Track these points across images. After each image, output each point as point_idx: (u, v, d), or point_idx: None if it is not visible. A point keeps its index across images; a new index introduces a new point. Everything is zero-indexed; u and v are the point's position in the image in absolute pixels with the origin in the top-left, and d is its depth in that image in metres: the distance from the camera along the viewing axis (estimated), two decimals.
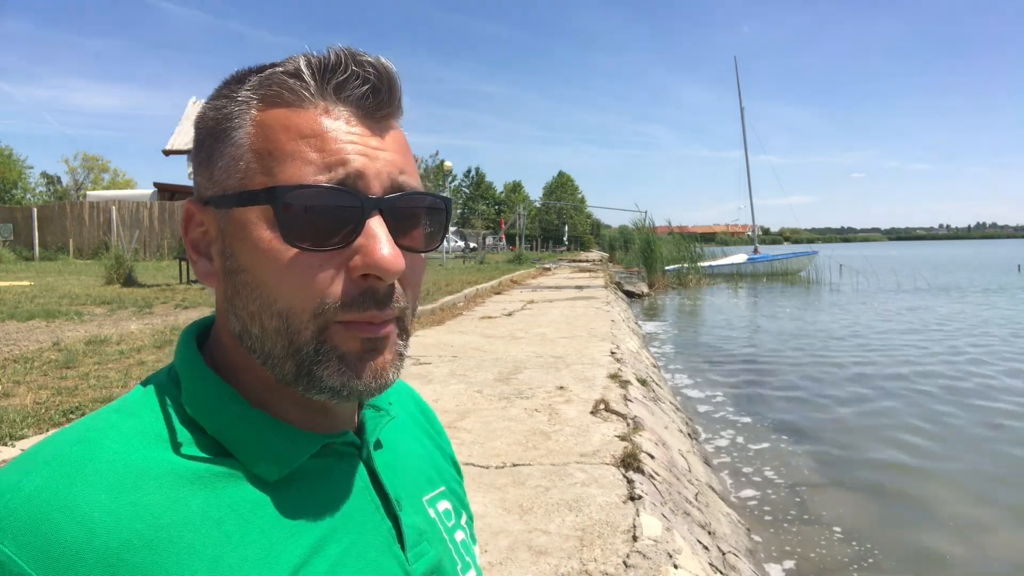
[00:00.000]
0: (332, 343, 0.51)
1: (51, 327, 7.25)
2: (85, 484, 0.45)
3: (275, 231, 0.50)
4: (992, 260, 46.52)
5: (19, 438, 3.35)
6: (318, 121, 0.51)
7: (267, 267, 0.51)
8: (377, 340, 0.53)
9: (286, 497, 0.52)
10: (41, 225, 25.00)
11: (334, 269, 0.51)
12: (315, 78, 0.52)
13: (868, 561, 3.62)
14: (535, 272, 21.79)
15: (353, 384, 0.52)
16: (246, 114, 0.53)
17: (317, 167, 0.50)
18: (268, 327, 0.52)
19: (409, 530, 0.59)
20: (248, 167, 0.52)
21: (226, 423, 0.53)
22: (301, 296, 0.51)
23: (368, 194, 0.51)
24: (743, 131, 34.26)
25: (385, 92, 0.54)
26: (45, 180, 51.00)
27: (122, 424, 0.50)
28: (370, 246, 0.50)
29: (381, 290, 0.52)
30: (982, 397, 7.07)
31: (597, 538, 2.41)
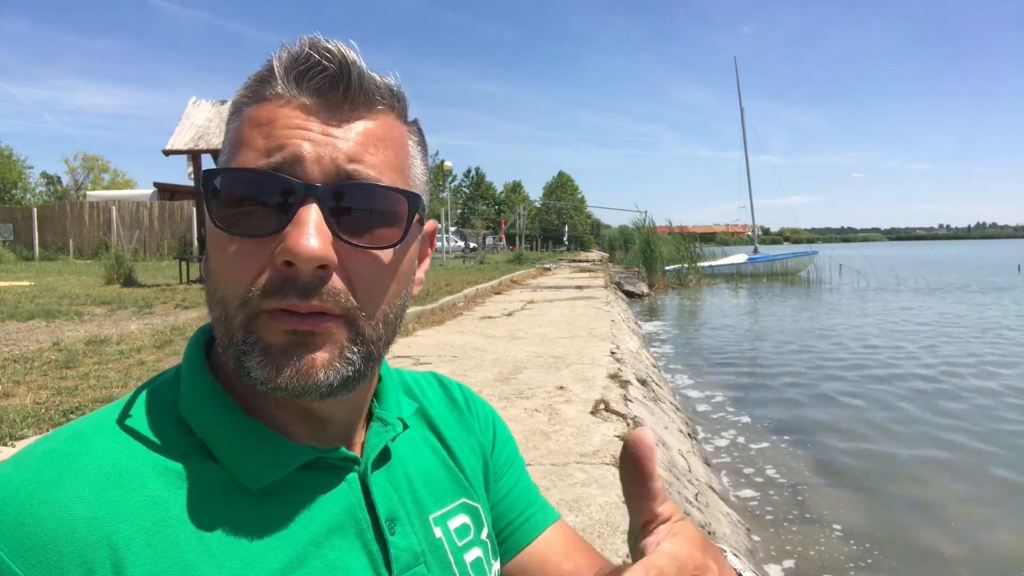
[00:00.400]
0: (258, 333, 0.50)
1: (51, 327, 7.25)
2: (71, 479, 0.45)
3: None
4: (992, 260, 46.52)
5: (19, 438, 3.35)
6: (275, 111, 0.51)
7: (214, 254, 0.52)
8: (304, 334, 0.49)
9: (270, 508, 0.51)
10: (41, 225, 25.02)
11: (265, 257, 0.49)
12: (280, 70, 0.52)
13: (867, 560, 3.62)
14: (535, 272, 21.79)
15: (274, 379, 0.49)
16: (239, 113, 0.54)
17: (259, 153, 0.50)
18: (216, 315, 0.52)
19: (400, 553, 0.57)
20: (223, 159, 0.55)
21: (214, 428, 0.52)
22: (232, 282, 0.50)
23: (304, 181, 0.49)
24: (743, 131, 34.29)
25: (345, 79, 0.52)
26: (45, 180, 51.07)
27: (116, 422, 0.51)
28: (292, 233, 0.48)
29: (303, 279, 0.48)
30: (984, 397, 7.06)
31: (597, 538, 2.41)
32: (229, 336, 0.51)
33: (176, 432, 0.52)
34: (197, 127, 12.95)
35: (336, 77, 0.52)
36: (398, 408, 0.65)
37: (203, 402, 0.53)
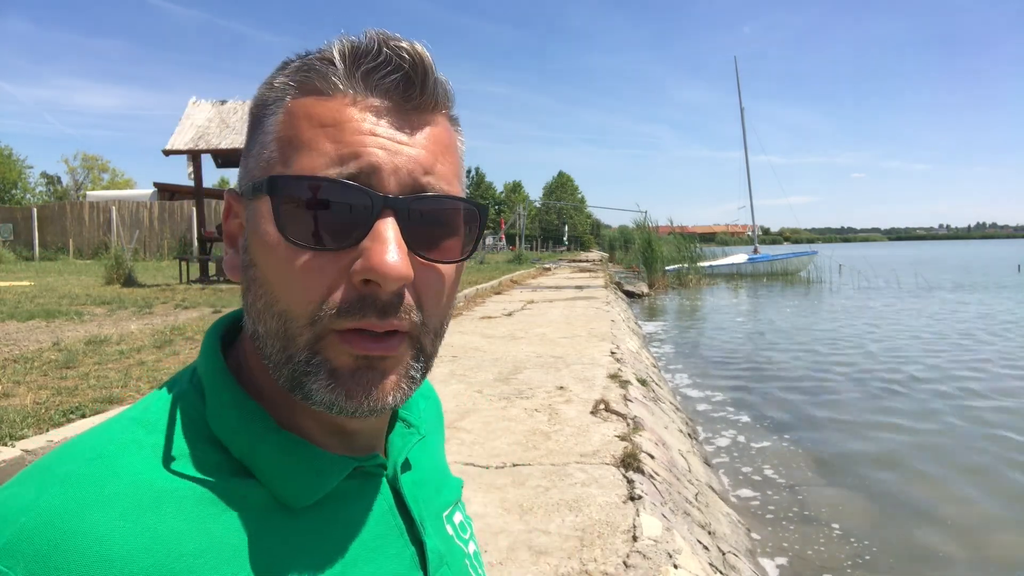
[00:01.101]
0: (325, 355, 0.47)
1: (51, 327, 7.25)
2: (103, 507, 0.42)
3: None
4: (992, 260, 46.51)
5: (19, 438, 3.34)
6: (341, 110, 0.48)
7: (271, 264, 0.48)
8: (374, 359, 0.48)
9: (310, 524, 0.50)
10: (41, 225, 25.02)
11: (336, 272, 0.46)
12: (344, 63, 0.48)
13: (865, 558, 3.63)
14: (535, 272, 21.79)
15: (341, 403, 0.47)
16: (281, 101, 0.50)
17: (330, 159, 0.47)
18: (270, 328, 0.48)
19: (432, 555, 0.56)
20: (271, 156, 0.49)
21: (251, 446, 0.49)
22: (299, 298, 0.47)
23: (381, 192, 0.47)
24: (743, 131, 34.32)
25: (418, 82, 0.49)
26: (45, 180, 51.07)
27: (142, 440, 0.47)
28: (374, 249, 0.45)
29: (383, 298, 0.46)
30: (984, 397, 7.06)
31: (597, 538, 2.41)
32: (287, 354, 0.48)
33: (209, 451, 0.48)
34: (197, 127, 12.95)
35: (410, 78, 0.49)
36: (417, 407, 0.64)
37: (236, 418, 0.50)
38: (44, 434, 3.34)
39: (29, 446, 3.10)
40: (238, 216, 0.53)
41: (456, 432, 3.72)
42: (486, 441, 3.57)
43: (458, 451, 3.40)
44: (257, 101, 0.52)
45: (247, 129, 0.53)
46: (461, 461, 3.25)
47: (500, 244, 50.37)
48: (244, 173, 0.52)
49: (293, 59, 0.52)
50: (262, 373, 0.52)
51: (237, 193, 0.53)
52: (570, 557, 2.27)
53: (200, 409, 0.51)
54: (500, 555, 2.29)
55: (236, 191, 0.53)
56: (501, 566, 2.21)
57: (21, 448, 3.08)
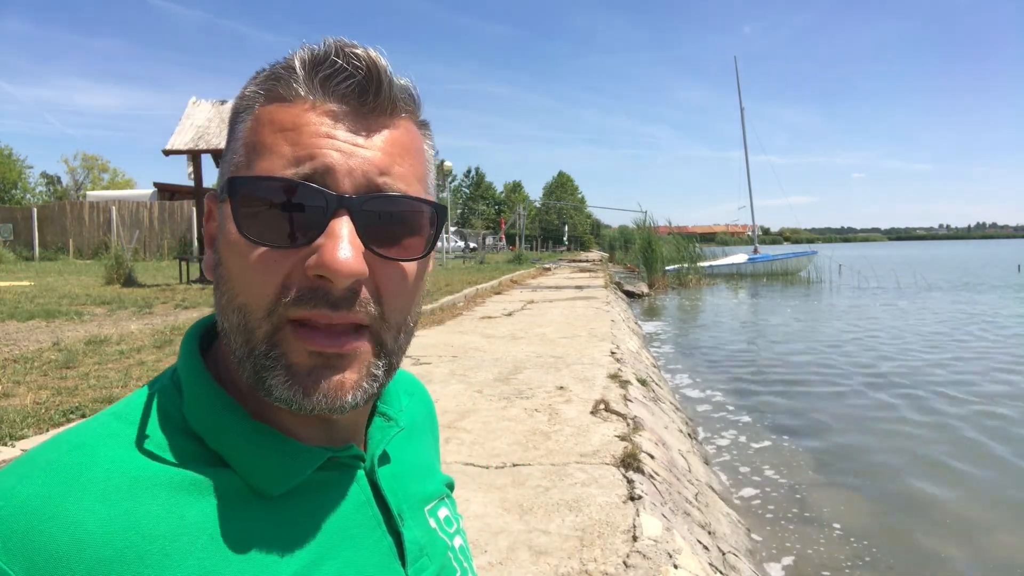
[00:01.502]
0: (281, 348, 0.49)
1: (51, 327, 7.25)
2: (80, 492, 0.44)
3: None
4: (992, 260, 46.51)
5: (19, 438, 3.34)
6: (300, 115, 0.50)
7: (232, 261, 0.50)
8: (331, 356, 0.49)
9: (284, 511, 0.51)
10: (41, 225, 25.02)
11: (291, 267, 0.48)
12: (304, 70, 0.51)
13: (865, 558, 3.63)
14: (535, 272, 21.79)
15: (299, 400, 0.49)
16: (250, 109, 0.53)
17: (287, 160, 0.49)
18: (232, 323, 0.50)
19: (411, 545, 0.58)
20: (238, 160, 0.52)
21: (226, 436, 0.51)
22: (257, 291, 0.49)
23: (336, 192, 0.49)
24: (743, 131, 34.28)
25: (373, 88, 0.51)
26: (45, 180, 51.04)
27: (120, 431, 0.49)
28: (326, 245, 0.47)
29: (335, 293, 0.48)
30: (983, 397, 7.06)
31: (597, 538, 2.41)
32: (249, 348, 0.50)
33: (185, 442, 0.50)
34: (197, 127, 12.95)
35: (364, 83, 0.51)
36: (398, 402, 0.66)
37: (211, 411, 0.52)
38: (44, 434, 3.34)
39: (29, 446, 3.10)
40: (214, 218, 0.55)
41: (456, 432, 3.72)
42: (486, 441, 3.57)
43: (458, 451, 3.40)
44: (232, 110, 0.55)
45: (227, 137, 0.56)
46: (461, 461, 3.25)
47: (500, 244, 50.37)
48: (220, 177, 0.55)
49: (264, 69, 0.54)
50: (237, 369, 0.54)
51: (214, 196, 0.55)
52: (570, 557, 2.27)
53: (177, 403, 0.52)
54: (500, 555, 2.29)
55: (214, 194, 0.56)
56: (501, 566, 2.21)
57: (21, 448, 3.08)
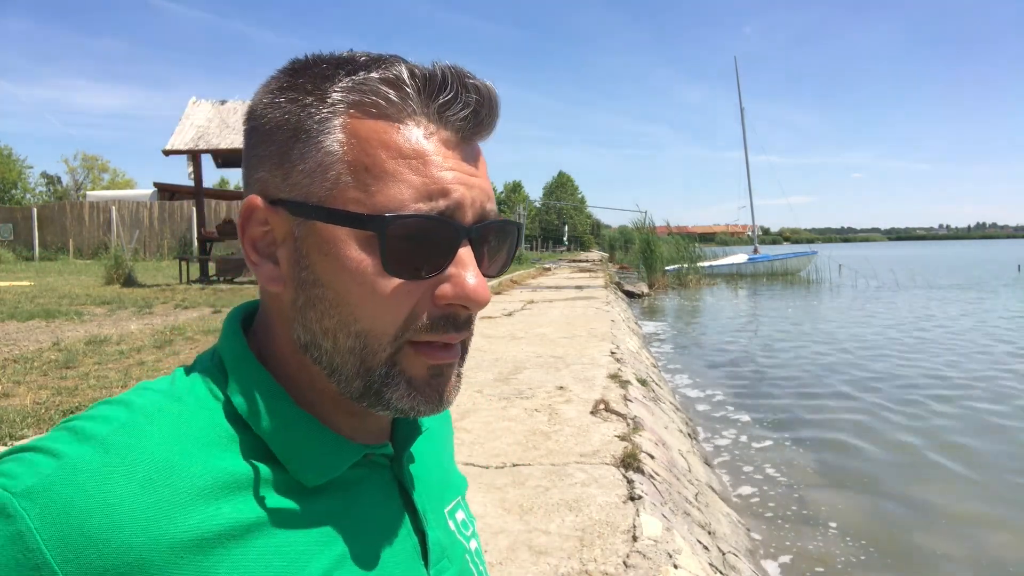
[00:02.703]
0: (401, 367, 0.51)
1: (51, 327, 7.25)
2: (124, 473, 0.43)
3: (371, 255, 0.49)
4: (992, 260, 46.51)
5: (19, 438, 3.34)
6: (419, 142, 0.49)
7: (356, 289, 0.50)
8: (442, 367, 0.53)
9: (319, 505, 0.52)
10: (41, 225, 25.01)
11: (421, 296, 0.51)
12: (419, 93, 0.50)
13: (863, 556, 3.63)
14: (535, 272, 21.79)
15: (420, 407, 0.52)
16: (336, 118, 0.50)
17: (418, 192, 0.49)
18: (342, 345, 0.51)
19: (434, 546, 0.58)
20: (339, 179, 0.49)
21: (272, 424, 0.51)
22: (387, 320, 0.50)
23: (463, 223, 0.51)
24: (743, 131, 34.31)
25: (485, 117, 0.52)
26: (45, 180, 51.02)
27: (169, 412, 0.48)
28: (460, 277, 0.50)
29: (463, 317, 0.52)
30: (982, 397, 7.06)
31: (597, 538, 2.41)
32: (365, 368, 0.51)
33: (232, 428, 0.50)
34: (197, 127, 12.95)
35: (478, 112, 0.52)
36: None
37: (260, 397, 0.52)
38: (43, 434, 3.34)
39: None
40: (268, 225, 0.52)
41: (456, 432, 3.72)
42: (486, 441, 3.58)
43: (458, 451, 3.40)
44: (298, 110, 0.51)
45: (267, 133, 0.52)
46: (461, 461, 3.25)
47: None
48: (283, 185, 0.51)
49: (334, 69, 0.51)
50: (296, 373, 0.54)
51: (269, 202, 0.52)
52: (570, 557, 2.27)
53: (223, 386, 0.53)
54: (500, 555, 2.29)
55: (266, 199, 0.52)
56: (501, 566, 2.22)
57: None
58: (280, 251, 0.52)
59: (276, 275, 0.53)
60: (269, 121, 0.52)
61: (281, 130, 0.51)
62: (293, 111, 0.51)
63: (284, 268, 0.52)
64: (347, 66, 0.51)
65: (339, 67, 0.51)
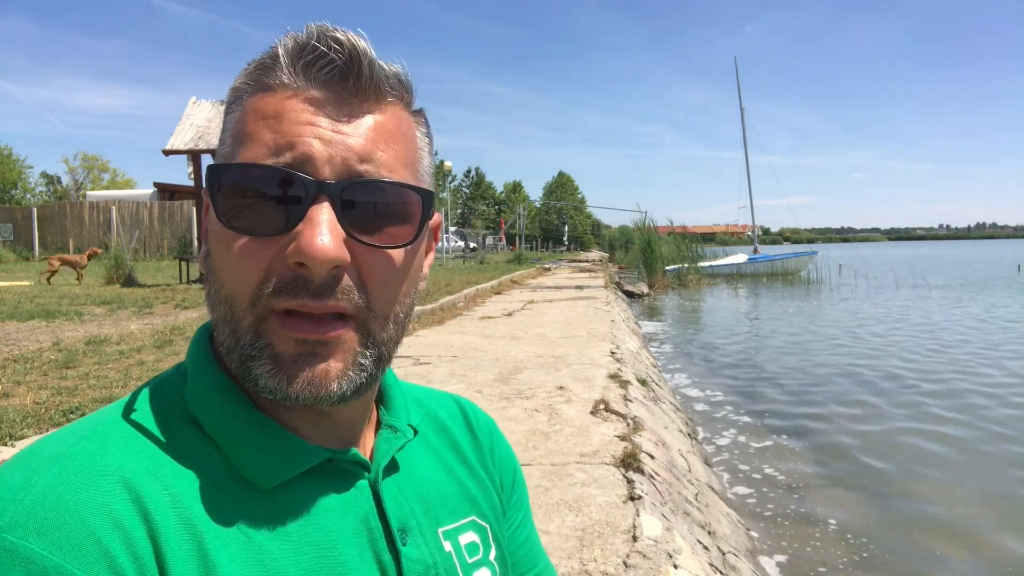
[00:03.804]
0: (267, 338, 0.49)
1: (51, 327, 7.25)
2: (99, 479, 0.43)
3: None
4: (992, 260, 46.51)
5: (19, 438, 3.34)
6: (282, 103, 0.49)
7: (217, 251, 0.50)
8: (315, 343, 0.49)
9: (283, 510, 0.50)
10: (41, 225, 25.01)
11: (273, 255, 0.48)
12: (287, 58, 0.50)
13: (863, 554, 3.64)
14: (535, 272, 21.79)
15: (284, 389, 0.48)
16: (240, 100, 0.52)
17: (268, 149, 0.48)
18: (220, 314, 0.50)
19: (411, 563, 0.55)
20: (224, 151, 0.52)
21: (225, 423, 0.51)
22: (240, 280, 0.49)
23: (316, 179, 0.48)
24: (743, 131, 34.30)
25: (354, 72, 0.50)
26: (45, 180, 51.02)
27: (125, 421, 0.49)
28: (305, 232, 0.47)
29: (316, 280, 0.48)
30: (982, 397, 7.06)
31: (597, 538, 2.41)
32: (235, 338, 0.50)
33: (186, 429, 0.50)
34: (197, 127, 12.95)
35: (346, 68, 0.50)
36: (407, 414, 0.63)
37: (212, 396, 0.52)
38: (44, 434, 3.34)
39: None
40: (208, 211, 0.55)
41: None
42: None
43: None
44: (225, 103, 0.55)
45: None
46: None
47: (500, 244, 50.37)
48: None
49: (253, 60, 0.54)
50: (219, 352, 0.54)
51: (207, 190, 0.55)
52: (570, 557, 2.27)
53: (181, 391, 0.53)
54: None
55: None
56: None
57: (22, 448, 3.08)
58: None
59: (202, 256, 0.54)
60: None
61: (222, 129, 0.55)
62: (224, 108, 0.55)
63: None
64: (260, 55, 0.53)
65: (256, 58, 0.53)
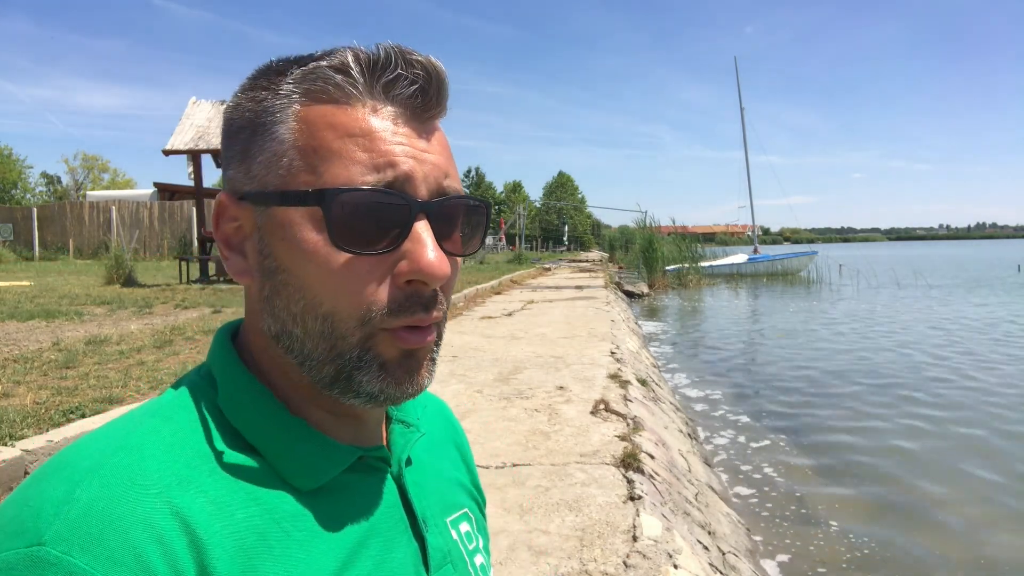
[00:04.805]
0: (376, 350, 0.51)
1: (51, 327, 7.25)
2: (141, 491, 0.43)
3: (322, 233, 0.49)
4: (992, 260, 46.49)
5: (19, 438, 3.34)
6: (366, 120, 0.50)
7: (313, 269, 0.50)
8: (414, 350, 0.52)
9: (320, 508, 0.52)
10: (41, 225, 25.02)
11: (380, 274, 0.50)
12: (364, 75, 0.51)
13: (865, 552, 3.64)
14: (535, 272, 21.79)
15: (390, 390, 0.52)
16: (288, 108, 0.51)
17: (365, 167, 0.49)
18: (312, 329, 0.51)
19: (435, 552, 0.58)
20: (291, 164, 0.50)
21: (263, 429, 0.52)
22: (348, 300, 0.50)
23: (416, 197, 0.50)
24: (743, 131, 34.31)
25: (433, 93, 0.52)
26: (45, 180, 51.02)
27: (161, 430, 0.49)
28: (417, 251, 0.50)
29: (426, 295, 0.51)
30: (982, 397, 7.06)
31: (597, 538, 2.41)
32: (336, 352, 0.51)
33: (224, 436, 0.51)
34: (197, 127, 12.96)
35: (426, 89, 0.52)
36: (414, 409, 0.66)
37: (249, 404, 0.53)
38: (44, 434, 3.34)
39: (29, 446, 3.10)
40: (237, 220, 0.54)
41: None
42: (486, 441, 3.57)
43: None
44: (255, 106, 0.52)
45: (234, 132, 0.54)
46: None
47: (500, 244, 50.37)
48: (245, 179, 0.52)
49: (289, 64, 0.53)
50: (273, 369, 0.55)
51: (237, 197, 0.53)
52: (570, 557, 2.27)
53: (212, 397, 0.53)
54: (500, 555, 2.29)
55: (234, 195, 0.53)
56: (501, 566, 2.22)
57: (21, 448, 3.08)
58: (247, 244, 0.54)
59: (243, 267, 0.54)
60: (233, 122, 0.54)
61: (243, 129, 0.53)
62: (252, 108, 0.52)
63: (251, 259, 0.54)
64: (300, 61, 0.53)
65: (294, 63, 0.53)
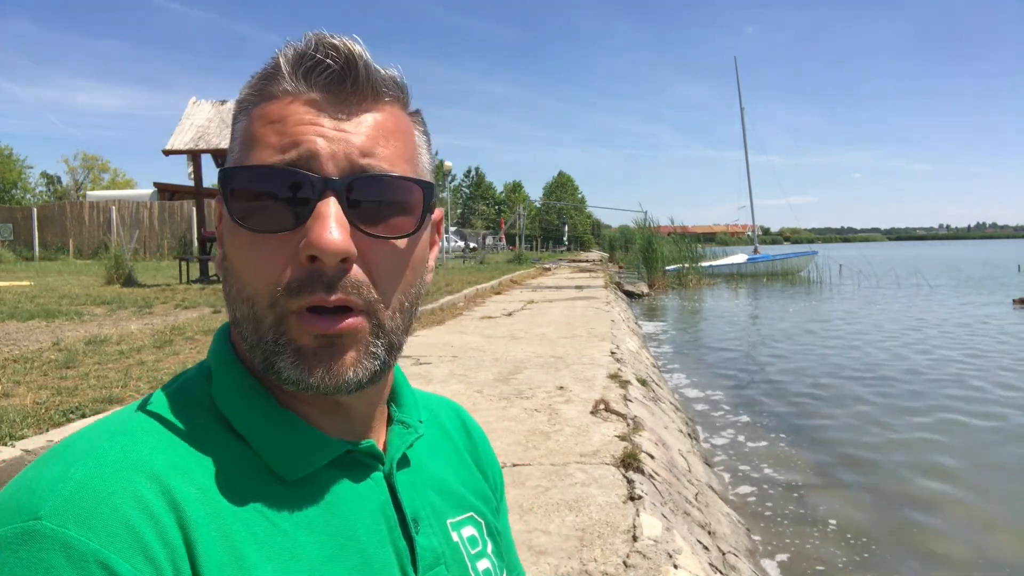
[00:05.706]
0: (289, 335, 0.51)
1: (51, 327, 7.25)
2: (132, 472, 0.45)
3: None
4: (991, 260, 46.49)
5: (19, 438, 3.34)
6: (285, 107, 0.52)
7: (234, 252, 0.53)
8: (332, 336, 0.51)
9: (305, 500, 0.53)
10: (41, 225, 25.03)
11: (288, 254, 0.51)
12: (288, 67, 0.53)
13: (863, 554, 3.63)
14: (535, 272, 21.79)
15: (305, 379, 0.51)
16: (247, 110, 0.55)
17: (274, 150, 0.51)
18: (242, 313, 0.53)
19: (424, 552, 0.58)
20: (234, 157, 0.55)
21: (251, 418, 0.53)
22: (259, 281, 0.51)
23: (321, 175, 0.51)
24: (743, 131, 34.29)
25: (352, 74, 0.53)
26: (45, 180, 51.00)
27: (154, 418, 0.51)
28: (314, 227, 0.49)
29: (328, 273, 0.50)
30: (982, 396, 7.06)
31: (597, 538, 2.41)
32: (258, 336, 0.52)
33: (213, 425, 0.53)
34: (197, 127, 12.95)
35: (343, 72, 0.53)
36: (417, 412, 0.67)
37: (239, 394, 0.54)
38: (44, 434, 3.34)
39: (29, 446, 3.10)
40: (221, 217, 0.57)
41: None
42: None
43: None
44: (232, 114, 0.58)
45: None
46: None
47: (500, 244, 50.38)
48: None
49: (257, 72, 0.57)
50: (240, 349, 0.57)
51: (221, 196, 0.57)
52: (570, 557, 2.27)
53: (206, 388, 0.55)
54: None
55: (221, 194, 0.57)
56: None
57: (21, 448, 3.08)
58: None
59: (218, 260, 0.57)
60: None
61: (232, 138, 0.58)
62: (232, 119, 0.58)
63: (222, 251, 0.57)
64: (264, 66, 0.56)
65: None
